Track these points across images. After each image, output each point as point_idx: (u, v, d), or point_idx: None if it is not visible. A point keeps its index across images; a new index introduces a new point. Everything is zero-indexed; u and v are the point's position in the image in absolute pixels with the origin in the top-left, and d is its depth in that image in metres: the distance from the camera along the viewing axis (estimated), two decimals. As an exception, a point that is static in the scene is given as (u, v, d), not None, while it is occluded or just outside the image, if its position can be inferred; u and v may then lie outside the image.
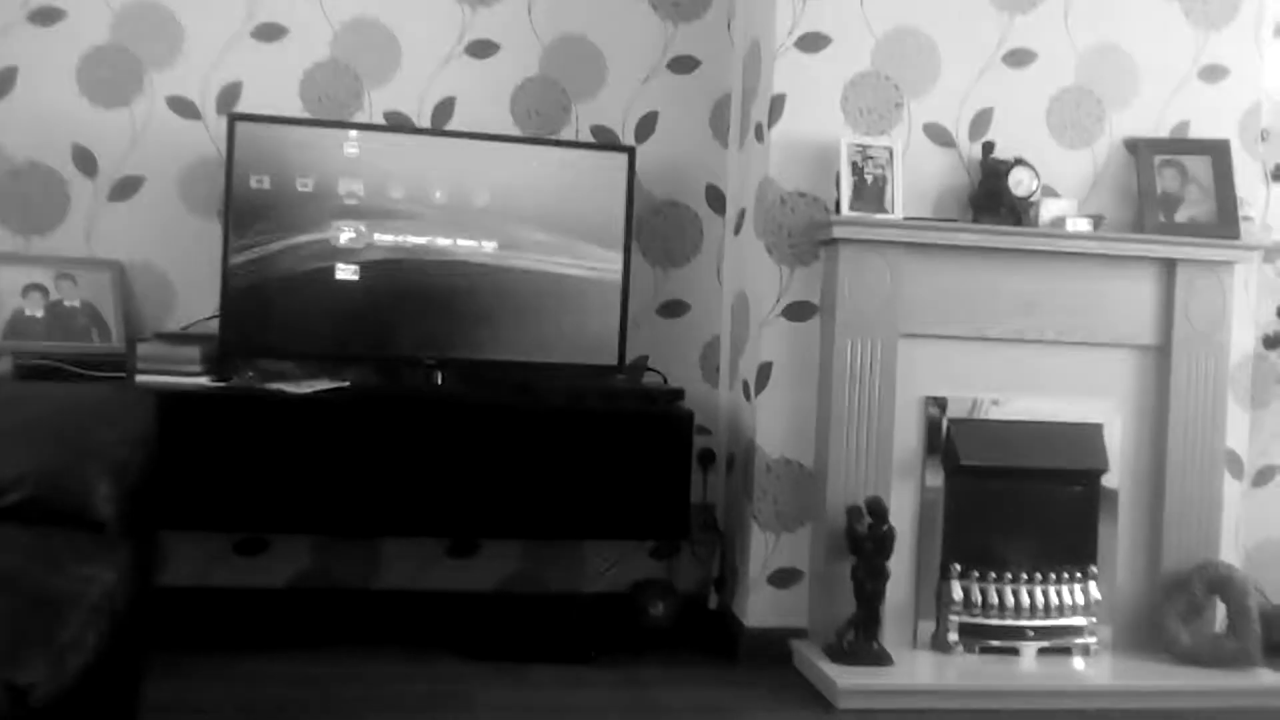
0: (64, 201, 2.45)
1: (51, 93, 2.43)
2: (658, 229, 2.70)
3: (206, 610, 2.44)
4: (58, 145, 2.44)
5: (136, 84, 2.47)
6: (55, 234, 2.45)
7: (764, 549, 2.43)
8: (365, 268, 2.38)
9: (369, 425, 2.26)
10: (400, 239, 2.39)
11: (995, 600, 2.35)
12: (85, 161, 2.45)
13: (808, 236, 2.41)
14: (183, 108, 2.49)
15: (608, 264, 2.45)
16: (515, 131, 2.59)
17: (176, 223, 2.49)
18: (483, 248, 2.42)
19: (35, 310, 2.36)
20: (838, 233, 2.30)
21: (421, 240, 2.39)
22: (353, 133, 2.38)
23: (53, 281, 2.38)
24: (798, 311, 2.42)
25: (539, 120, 2.60)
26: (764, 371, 2.43)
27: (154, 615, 1.73)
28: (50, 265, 2.39)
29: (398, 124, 2.56)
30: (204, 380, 2.30)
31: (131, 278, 2.47)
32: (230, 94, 2.50)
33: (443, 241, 2.40)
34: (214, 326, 2.38)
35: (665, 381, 2.64)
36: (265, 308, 2.35)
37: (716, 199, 2.72)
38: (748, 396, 2.51)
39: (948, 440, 2.39)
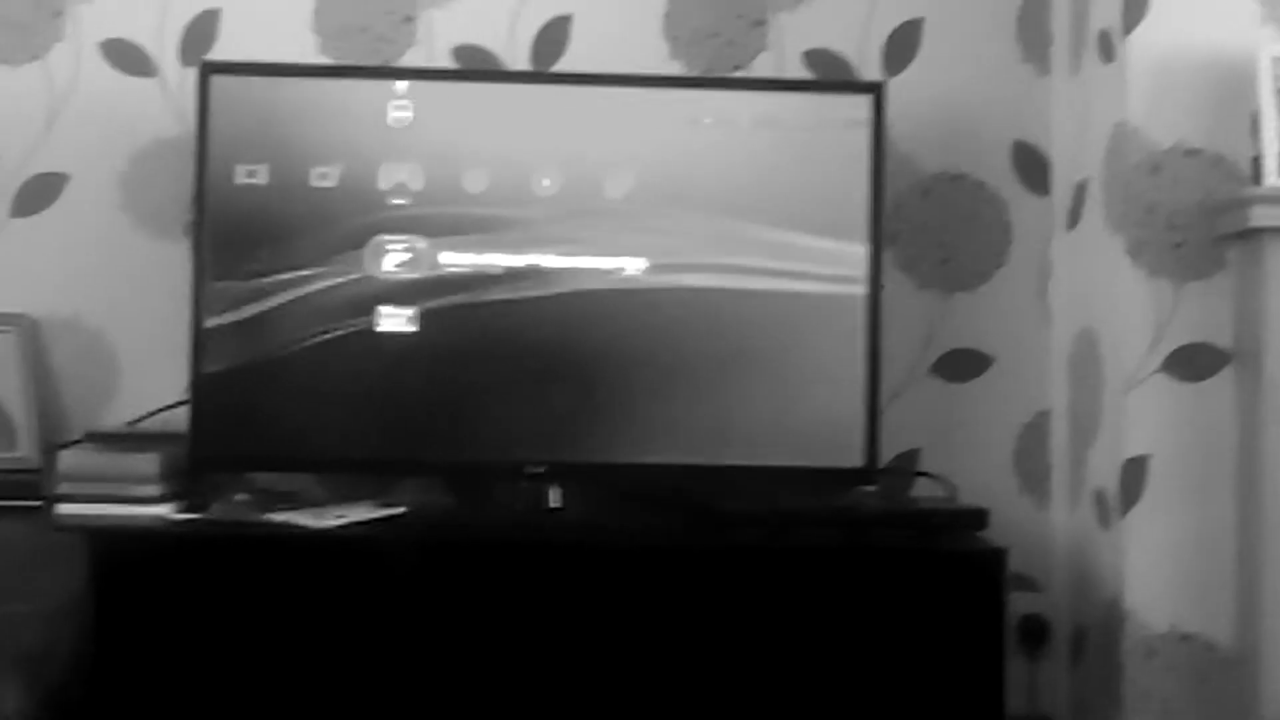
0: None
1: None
2: (929, 223, 2.72)
3: None
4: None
5: (53, 24, 2.65)
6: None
7: (1148, 800, 2.40)
8: (427, 314, 2.45)
9: (441, 577, 2.29)
10: (483, 260, 2.46)
11: None
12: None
13: (1204, 226, 2.38)
14: (126, 56, 2.67)
15: (839, 269, 2.47)
16: (674, 69, 2.68)
17: (119, 248, 2.66)
18: (624, 267, 2.47)
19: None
20: (1261, 218, 2.24)
21: (519, 260, 2.46)
22: (400, 84, 2.47)
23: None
24: (1192, 362, 2.40)
25: (713, 47, 2.70)
26: (1135, 473, 2.40)
27: None
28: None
29: (475, 67, 2.68)
30: (164, 509, 2.40)
31: (48, 341, 2.64)
32: (201, 32, 2.67)
33: (555, 261, 2.46)
34: (180, 420, 2.49)
35: (953, 497, 2.61)
36: (263, 389, 2.44)
37: (1033, 167, 2.74)
38: (1105, 520, 2.48)
39: None
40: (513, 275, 2.47)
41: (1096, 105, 2.54)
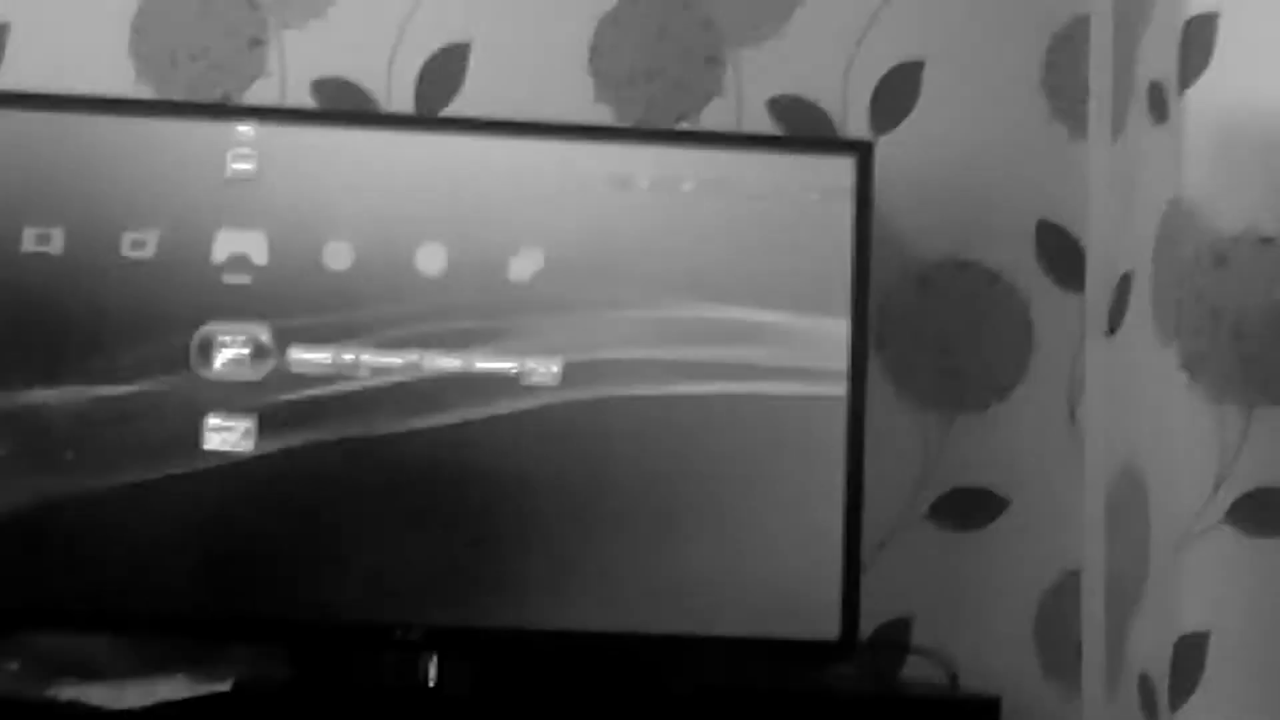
0: None
1: None
2: (928, 325, 2.71)
3: None
4: None
5: None
6: None
7: None
8: (269, 428, 2.41)
9: None
10: (346, 359, 2.43)
11: None
12: None
13: None
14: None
15: (810, 360, 2.46)
16: (601, 116, 2.68)
17: None
18: (531, 371, 2.44)
19: None
20: None
21: (394, 360, 2.43)
22: (243, 126, 2.44)
23: None
24: (1265, 511, 2.35)
25: (652, 90, 2.71)
26: (1190, 654, 2.35)
27: None
28: None
29: (341, 106, 2.66)
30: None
31: None
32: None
33: (441, 362, 2.43)
34: None
35: (954, 678, 2.58)
36: (46, 521, 2.39)
37: (1062, 255, 2.74)
38: (1152, 715, 2.43)
39: None
40: (384, 380, 2.45)
41: (1145, 178, 2.54)
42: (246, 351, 2.43)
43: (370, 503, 2.46)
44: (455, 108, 2.68)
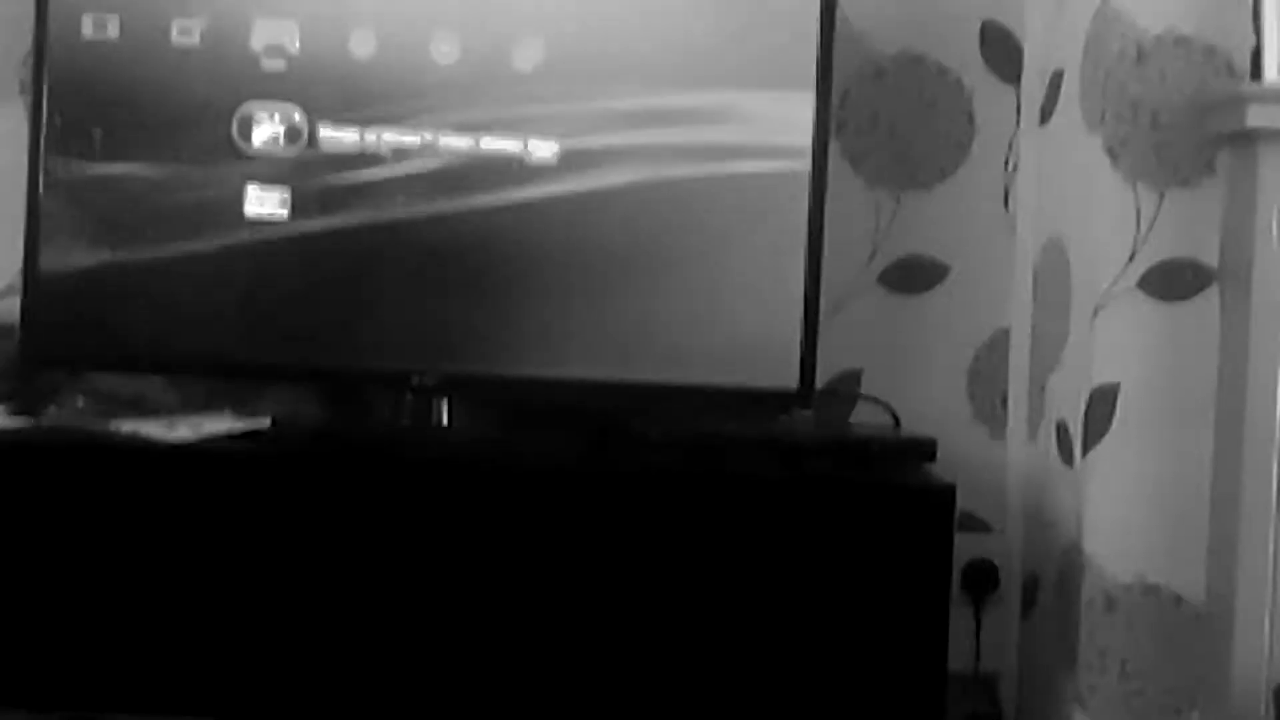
0: None
1: None
2: (881, 112, 2.81)
3: None
4: None
5: None
6: None
7: (1101, 765, 2.39)
8: (301, 197, 2.52)
9: (312, 500, 2.35)
10: (370, 136, 2.52)
11: None
12: None
13: (1193, 126, 2.42)
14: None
15: (778, 138, 2.52)
16: None
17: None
18: (532, 150, 2.53)
19: None
20: (1258, 117, 2.27)
21: (411, 138, 2.51)
22: None
23: None
24: (1172, 280, 2.44)
25: None
26: (1102, 404, 2.45)
27: None
28: None
29: None
30: (-9, 414, 2.45)
31: None
32: None
33: (454, 141, 2.52)
34: (10, 312, 2.59)
35: (897, 422, 2.71)
36: (108, 277, 2.53)
37: (1003, 51, 2.85)
38: (1066, 456, 2.55)
39: None
40: (403, 157, 2.52)
41: (1077, -17, 2.55)
42: (282, 129, 2.51)
43: (394, 269, 2.57)
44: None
